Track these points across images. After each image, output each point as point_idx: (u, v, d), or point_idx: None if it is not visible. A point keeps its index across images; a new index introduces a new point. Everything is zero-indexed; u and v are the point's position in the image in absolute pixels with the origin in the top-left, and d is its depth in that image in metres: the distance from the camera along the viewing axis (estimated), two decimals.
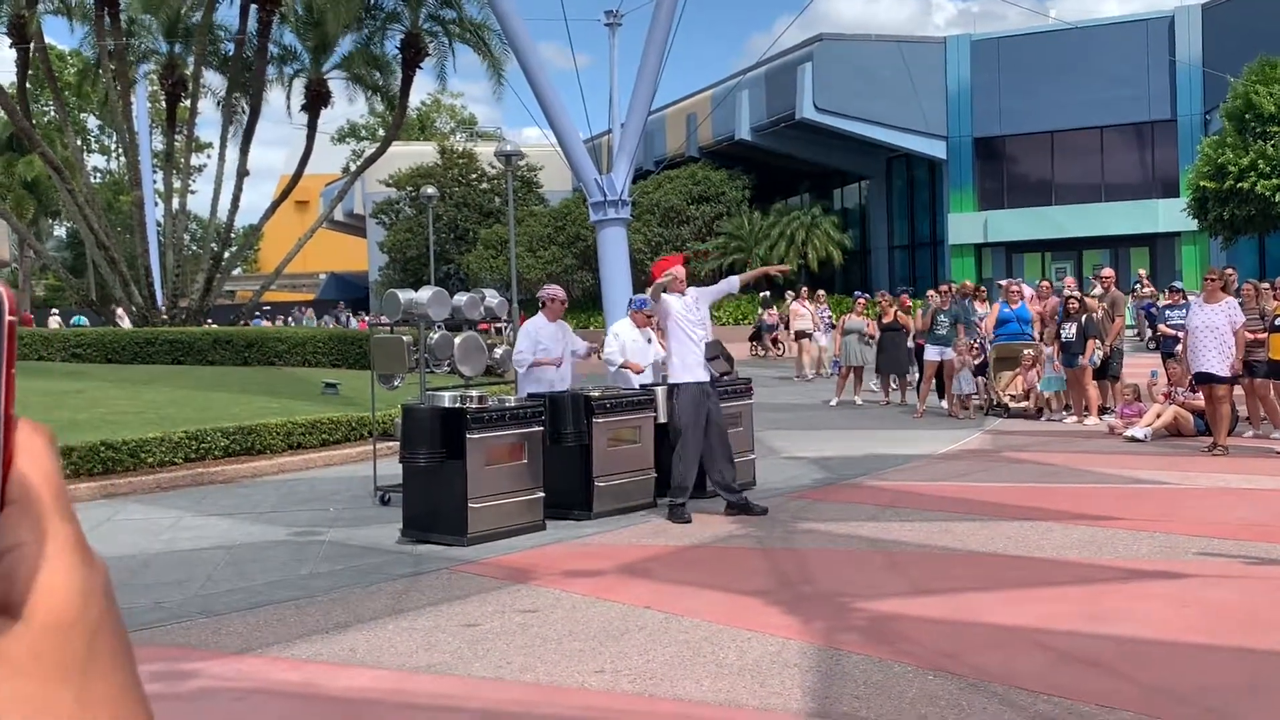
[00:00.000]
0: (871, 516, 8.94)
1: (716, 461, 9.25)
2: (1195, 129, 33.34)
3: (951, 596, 6.48)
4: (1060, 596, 6.40)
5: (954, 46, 36.23)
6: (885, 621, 5.98)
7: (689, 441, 9.08)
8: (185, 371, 21.90)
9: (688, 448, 9.09)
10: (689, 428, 9.09)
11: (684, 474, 9.06)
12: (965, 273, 35.18)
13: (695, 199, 41.52)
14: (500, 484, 8.48)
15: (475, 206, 51.11)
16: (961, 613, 6.10)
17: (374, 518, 9.65)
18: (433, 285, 10.80)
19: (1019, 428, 14.46)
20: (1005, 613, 6.07)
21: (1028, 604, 6.24)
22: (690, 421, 9.09)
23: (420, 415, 8.48)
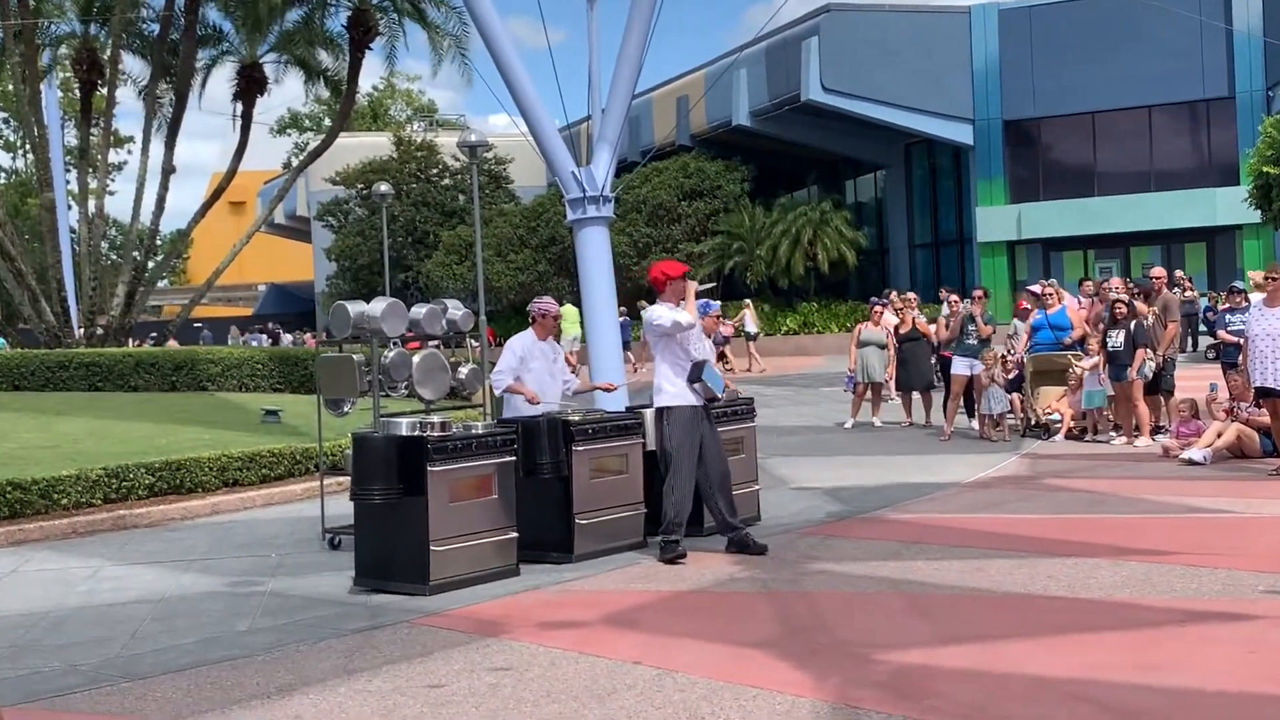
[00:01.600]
0: (893, 554, 8.95)
1: (714, 495, 9.26)
2: (1256, 107, 33.58)
3: (984, 645, 6.48)
4: (1109, 643, 6.41)
5: (980, 17, 36.46)
6: (909, 675, 5.98)
7: (681, 470, 9.11)
8: (104, 399, 21.85)
9: (680, 477, 9.12)
10: (681, 455, 9.11)
11: (676, 507, 9.08)
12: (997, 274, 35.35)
13: (688, 194, 41.65)
14: (467, 523, 8.47)
15: (436, 205, 51.20)
16: (996, 663, 6.11)
17: (322, 564, 9.61)
18: (387, 296, 10.81)
19: (1060, 451, 14.51)
20: (1046, 663, 6.08)
21: (1071, 653, 6.25)
22: (682, 448, 9.10)
23: (374, 446, 8.47)
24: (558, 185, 14.94)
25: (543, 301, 10.25)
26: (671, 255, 41.11)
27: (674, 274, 9.40)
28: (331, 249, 53.71)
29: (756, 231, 39.12)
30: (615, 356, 13.92)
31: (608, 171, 14.01)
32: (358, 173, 52.22)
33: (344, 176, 52.74)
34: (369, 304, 10.31)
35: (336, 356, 10.64)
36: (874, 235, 42.26)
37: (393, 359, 10.26)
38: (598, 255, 13.99)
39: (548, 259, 44.65)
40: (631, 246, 41.21)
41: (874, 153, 40.86)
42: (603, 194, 13.91)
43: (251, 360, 24.36)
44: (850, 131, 38.98)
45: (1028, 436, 15.68)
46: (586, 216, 13.97)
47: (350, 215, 54.11)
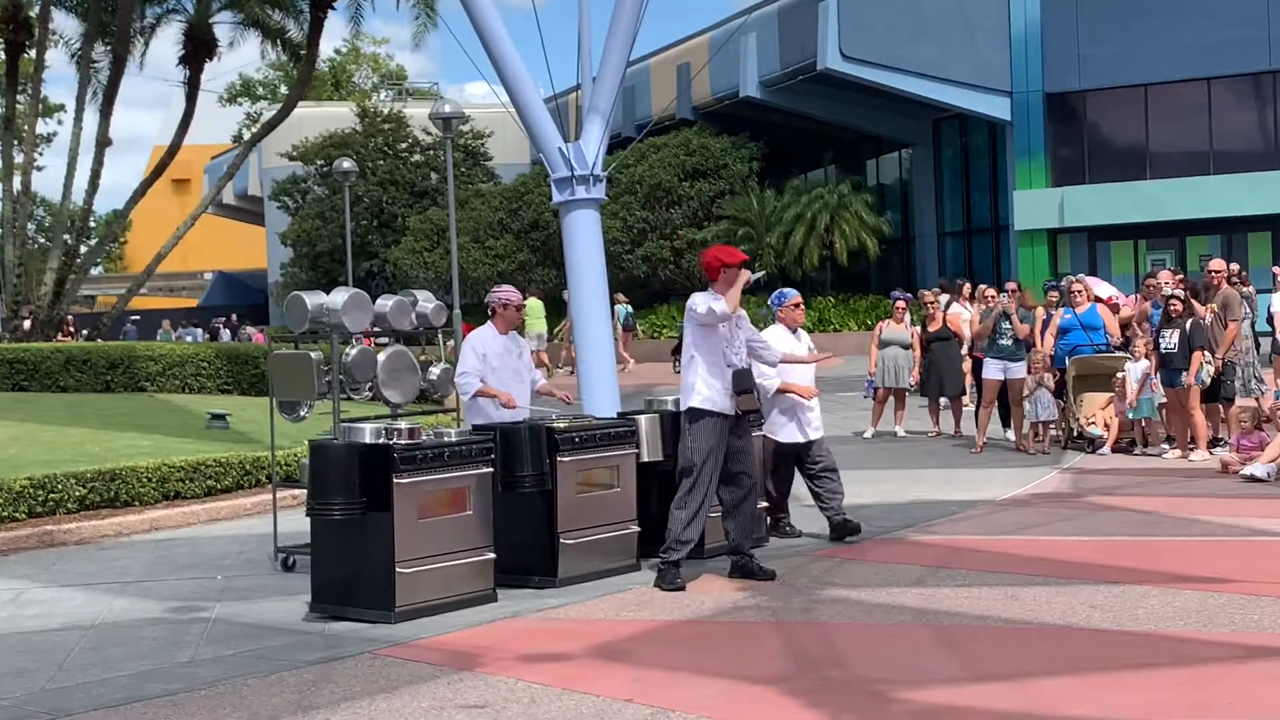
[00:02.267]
0: (917, 580, 8.96)
1: (728, 515, 9.25)
2: None
3: (1019, 683, 6.49)
4: (1159, 682, 6.42)
5: None
6: (933, 716, 5.99)
7: (698, 486, 9.05)
8: (29, 400, 21.81)
9: (694, 494, 9.06)
10: (701, 469, 9.05)
11: (683, 525, 9.05)
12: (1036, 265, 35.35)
13: (689, 174, 41.63)
14: (438, 542, 8.47)
15: (405, 185, 51.17)
16: (1032, 703, 6.12)
17: (274, 588, 9.61)
18: (350, 286, 10.82)
19: (1106, 465, 14.53)
20: (1087, 703, 6.09)
21: (1117, 691, 6.26)
22: (703, 461, 9.06)
23: (334, 454, 8.47)
24: (542, 163, 14.93)
25: (502, 290, 10.19)
26: (670, 242, 41.17)
27: (730, 260, 9.19)
28: (287, 233, 53.64)
29: (766, 216, 39.11)
30: (606, 359, 13.92)
31: (599, 148, 14.00)
32: (317, 147, 52.16)
33: (302, 151, 52.67)
34: (329, 295, 10.30)
35: (292, 354, 10.62)
36: (898, 222, 42.22)
37: (355, 357, 10.26)
38: (587, 242, 13.99)
39: (530, 246, 44.62)
40: (625, 232, 41.19)
41: (899, 129, 40.83)
42: (593, 173, 13.92)
43: (196, 358, 24.32)
44: (872, 105, 38.96)
45: (1070, 449, 15.69)
46: (575, 198, 13.97)
47: (308, 195, 54.03)
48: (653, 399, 10.49)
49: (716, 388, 9.12)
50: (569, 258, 14.15)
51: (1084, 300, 16.08)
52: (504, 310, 10.07)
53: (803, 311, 10.69)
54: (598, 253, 14.11)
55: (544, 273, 43.81)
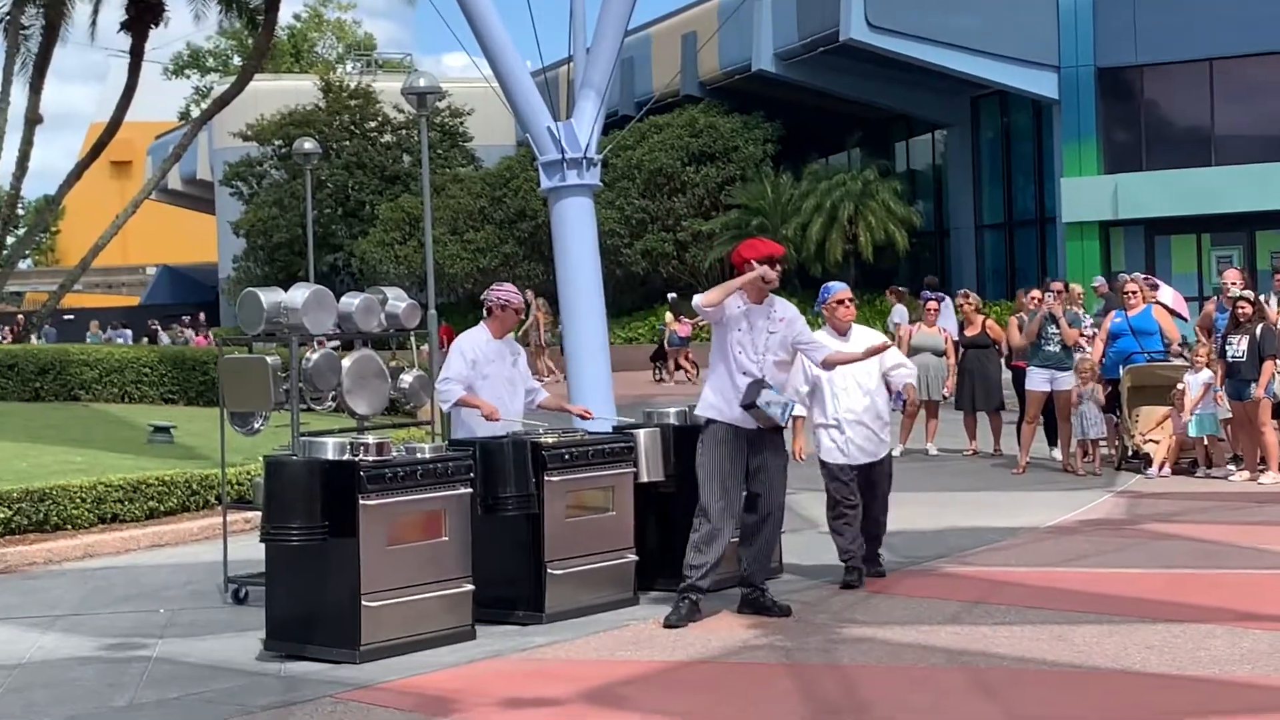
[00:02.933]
0: (951, 617, 8.95)
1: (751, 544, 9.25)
2: None
3: None
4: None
5: None
6: None
7: (707, 505, 9.07)
8: None
9: (702, 513, 9.10)
10: (709, 485, 9.07)
11: (692, 549, 9.06)
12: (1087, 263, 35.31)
13: (695, 157, 41.67)
14: (410, 572, 8.46)
15: (374, 169, 51.23)
16: None
17: (224, 623, 9.58)
18: (311, 283, 10.81)
19: (1165, 488, 14.52)
20: None
21: None
22: (707, 476, 9.06)
23: (292, 472, 8.45)
24: (529, 144, 14.92)
25: (502, 289, 10.25)
26: (673, 234, 41.20)
27: (748, 254, 9.20)
28: (241, 222, 53.67)
29: (782, 205, 39.13)
30: (601, 368, 13.90)
31: (593, 128, 14.00)
32: (275, 126, 52.20)
33: (257, 130, 52.70)
34: (287, 292, 10.28)
35: (245, 359, 10.61)
36: (930, 213, 42.22)
37: (317, 363, 10.24)
38: (579, 234, 13.98)
39: (516, 238, 44.64)
40: (623, 223, 41.23)
41: (932, 108, 40.85)
42: (586, 156, 13.91)
43: (137, 363, 24.32)
44: (902, 81, 38.97)
45: (1124, 469, 15.69)
46: (565, 184, 13.96)
47: (265, 180, 54.05)
48: (653, 410, 10.49)
49: (726, 394, 9.13)
50: (559, 251, 14.13)
51: (1138, 301, 16.02)
52: (502, 312, 10.10)
53: (849, 309, 10.13)
54: (591, 246, 14.10)
55: (530, 268, 43.80)
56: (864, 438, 10.03)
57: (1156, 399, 15.73)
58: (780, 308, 9.33)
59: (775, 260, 9.23)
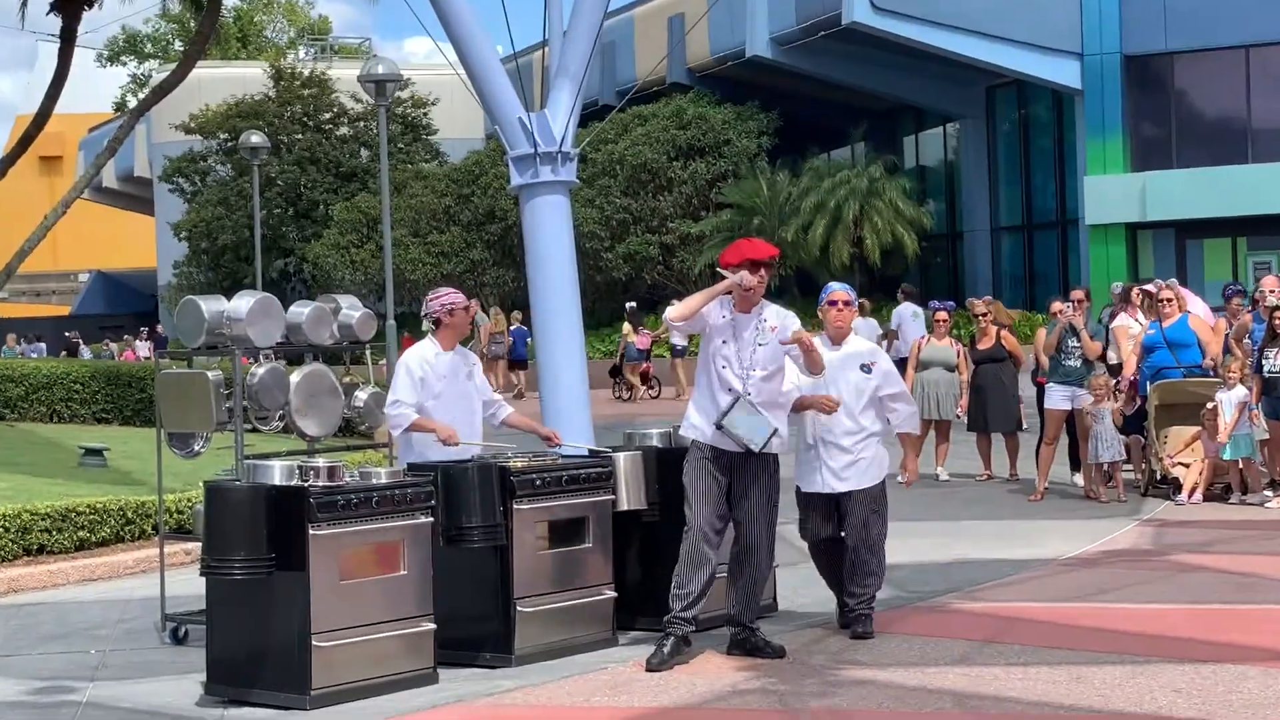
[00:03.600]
0: (961, 658, 8.98)
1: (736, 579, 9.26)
2: None
3: None
4: None
5: None
6: None
7: (687, 533, 9.10)
8: None
9: (685, 541, 9.12)
10: (690, 506, 9.11)
11: (675, 580, 9.08)
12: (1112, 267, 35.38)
13: (683, 151, 41.70)
14: (365, 610, 8.47)
15: (329, 165, 51.18)
16: None
17: (162, 664, 9.58)
18: (258, 290, 10.84)
19: (1195, 515, 14.56)
20: None
21: None
22: (689, 501, 9.10)
23: (235, 499, 8.47)
24: (498, 137, 14.94)
25: (442, 295, 10.13)
26: (658, 236, 41.18)
27: (730, 260, 9.18)
28: (182, 223, 53.54)
29: (779, 205, 39.15)
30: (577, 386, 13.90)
31: (569, 119, 14.02)
32: (220, 117, 52.12)
33: (200, 123, 52.62)
34: (231, 300, 10.31)
35: (185, 374, 10.62)
36: (942, 213, 42.28)
37: (263, 378, 10.26)
38: (554, 236, 13.98)
39: (484, 241, 44.61)
40: (602, 224, 41.23)
41: (943, 99, 40.95)
42: (562, 150, 13.92)
43: (68, 379, 24.29)
44: (910, 68, 39.05)
45: (1151, 495, 15.73)
46: (539, 181, 13.96)
47: (209, 177, 53.96)
48: (634, 432, 10.51)
49: (707, 413, 9.17)
50: (531, 256, 14.12)
51: (1173, 310, 16.01)
52: (451, 318, 10.03)
53: (843, 313, 9.83)
54: (567, 249, 14.09)
55: (500, 274, 43.82)
56: (845, 463, 9.64)
57: (1186, 418, 15.73)
58: (771, 315, 9.27)
59: (759, 264, 9.14)
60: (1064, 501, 15.69)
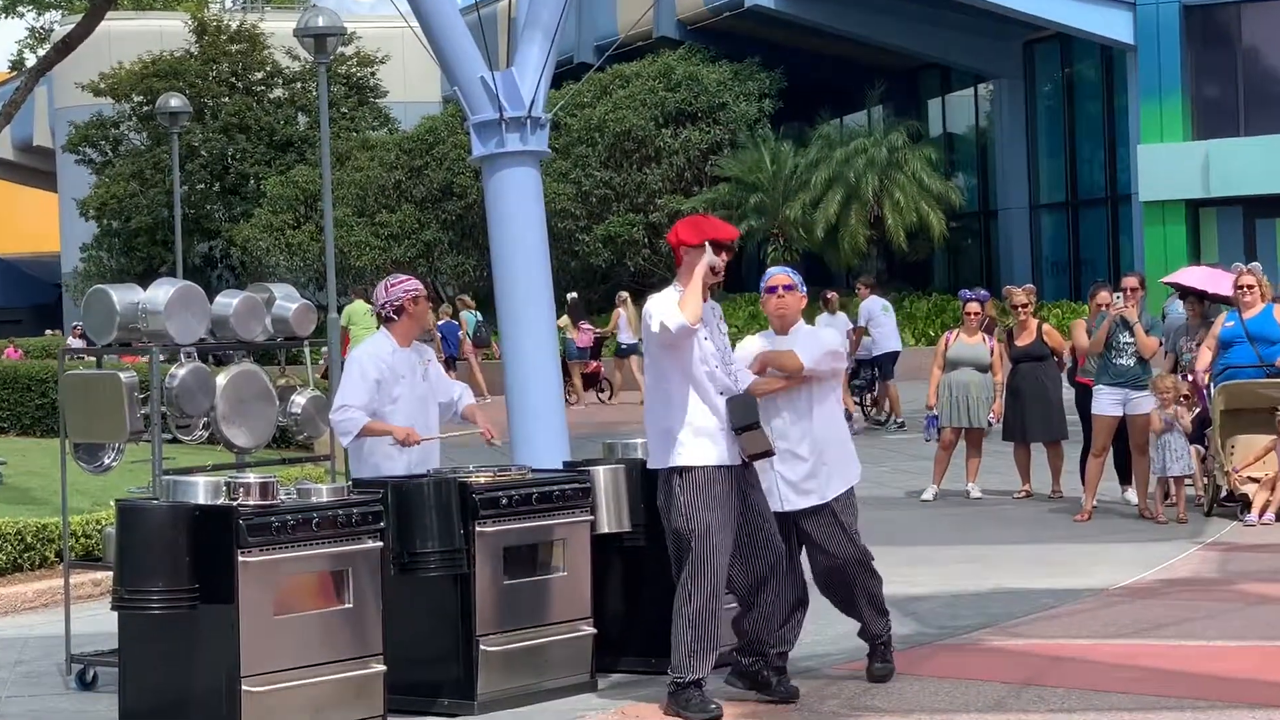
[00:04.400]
0: (995, 703, 8.98)
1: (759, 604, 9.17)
2: None
3: None
4: None
5: None
6: None
7: (706, 568, 8.87)
8: None
9: (703, 579, 8.87)
10: (707, 543, 8.86)
11: (697, 628, 8.85)
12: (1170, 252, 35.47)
13: (672, 117, 41.69)
14: (302, 649, 8.45)
15: (261, 132, 51.10)
16: None
17: (67, 714, 9.55)
18: (178, 278, 10.83)
19: (1267, 539, 14.57)
20: None
21: None
22: (707, 531, 8.88)
23: (152, 521, 8.44)
24: (458, 101, 14.94)
25: (398, 283, 10.10)
26: (644, 215, 41.16)
27: (691, 239, 9.07)
28: (90, 200, 53.42)
29: (784, 179, 39.15)
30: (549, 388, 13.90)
31: (540, 79, 14.03)
32: (134, 77, 52.03)
33: (111, 83, 52.53)
34: (147, 290, 10.29)
35: (93, 376, 10.59)
36: (973, 189, 42.36)
37: (184, 380, 10.25)
38: (522, 215, 13.98)
39: (440, 221, 44.57)
40: (579, 201, 41.22)
41: (975, 55, 41.01)
42: (531, 115, 13.93)
43: None
44: (937, 20, 39.14)
45: (1215, 515, 15.74)
46: (504, 151, 13.96)
47: (121, 146, 53.86)
48: (615, 443, 10.50)
49: (709, 429, 9.00)
50: (496, 237, 14.12)
51: (1255, 299, 15.92)
52: (415, 307, 10.01)
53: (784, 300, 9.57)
54: (537, 230, 14.09)
55: (458, 259, 43.81)
56: (802, 474, 9.45)
57: (1258, 425, 15.74)
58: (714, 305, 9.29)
59: (722, 245, 9.08)
60: (1115, 522, 15.70)
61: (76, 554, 12.26)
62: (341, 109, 49.05)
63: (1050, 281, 39.28)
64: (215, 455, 11.75)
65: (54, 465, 12.04)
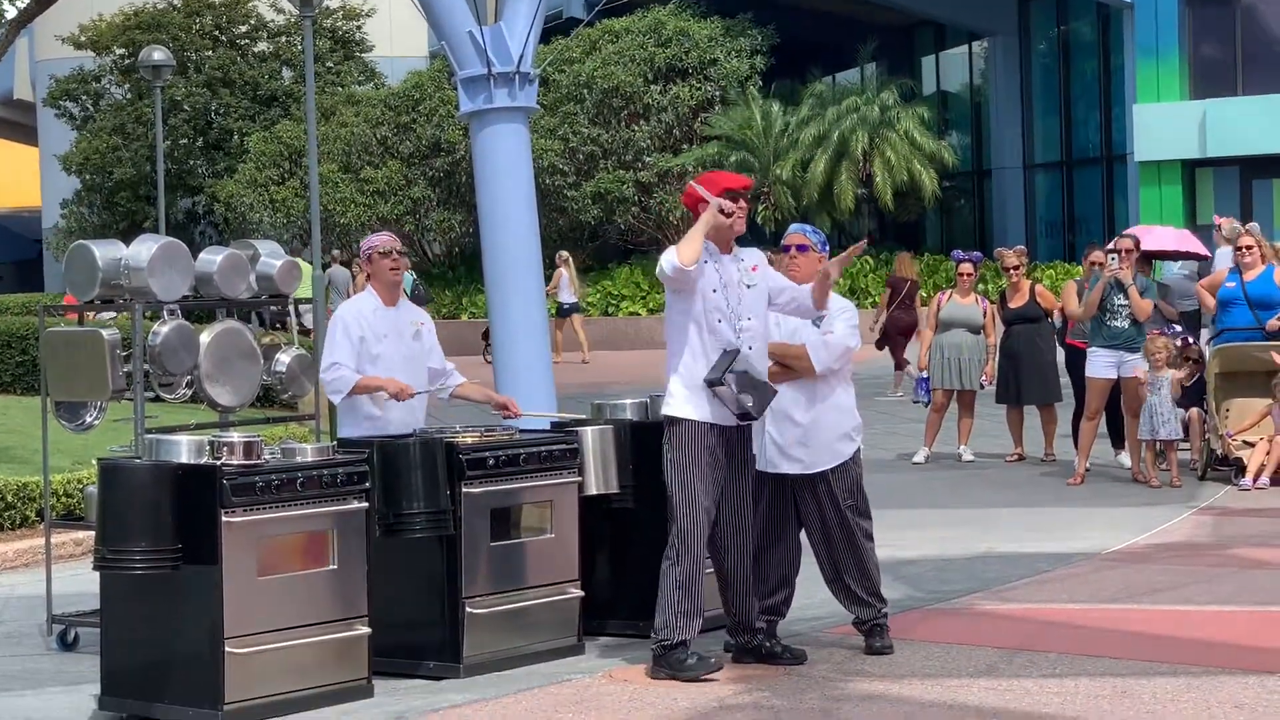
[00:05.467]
0: (987, 668, 9.00)
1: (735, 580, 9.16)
2: None
3: None
4: None
5: None
6: None
7: (689, 524, 8.91)
8: None
9: (686, 536, 8.91)
10: (687, 498, 8.90)
11: (681, 586, 8.90)
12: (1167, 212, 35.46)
13: (662, 74, 41.59)
14: (287, 610, 8.46)
15: (245, 87, 50.91)
16: None
17: (49, 674, 9.56)
18: (161, 234, 10.81)
19: (1263, 503, 14.60)
20: None
21: None
22: (687, 486, 8.90)
23: (135, 481, 8.44)
24: (445, 55, 14.90)
25: (380, 239, 10.06)
26: (633, 172, 41.06)
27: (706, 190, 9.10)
28: (71, 155, 53.22)
29: (774, 137, 39.14)
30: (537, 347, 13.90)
31: (529, 34, 14.00)
32: (116, 30, 51.80)
33: (93, 36, 52.32)
34: (130, 246, 10.26)
35: (74, 333, 10.57)
36: (966, 148, 42.31)
37: (167, 338, 10.23)
38: (510, 172, 13.98)
39: (427, 178, 44.45)
40: (567, 158, 41.12)
41: (970, 12, 40.97)
42: (520, 71, 13.91)
43: None
44: None
45: (1209, 479, 15.78)
46: (492, 107, 13.95)
47: (102, 100, 53.66)
48: (604, 403, 10.48)
49: (696, 382, 8.98)
50: (483, 194, 14.12)
51: (1255, 260, 15.91)
52: (380, 258, 9.89)
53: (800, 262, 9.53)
54: (525, 187, 14.09)
55: (445, 216, 43.69)
56: (792, 439, 9.41)
57: (1254, 389, 15.75)
58: (747, 255, 9.19)
59: (737, 195, 9.06)
60: (1108, 486, 15.74)
61: (58, 513, 12.27)
62: (327, 63, 48.86)
63: (1044, 242, 39.28)
64: (198, 414, 11.72)
65: (35, 423, 12.03)
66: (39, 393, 11.03)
